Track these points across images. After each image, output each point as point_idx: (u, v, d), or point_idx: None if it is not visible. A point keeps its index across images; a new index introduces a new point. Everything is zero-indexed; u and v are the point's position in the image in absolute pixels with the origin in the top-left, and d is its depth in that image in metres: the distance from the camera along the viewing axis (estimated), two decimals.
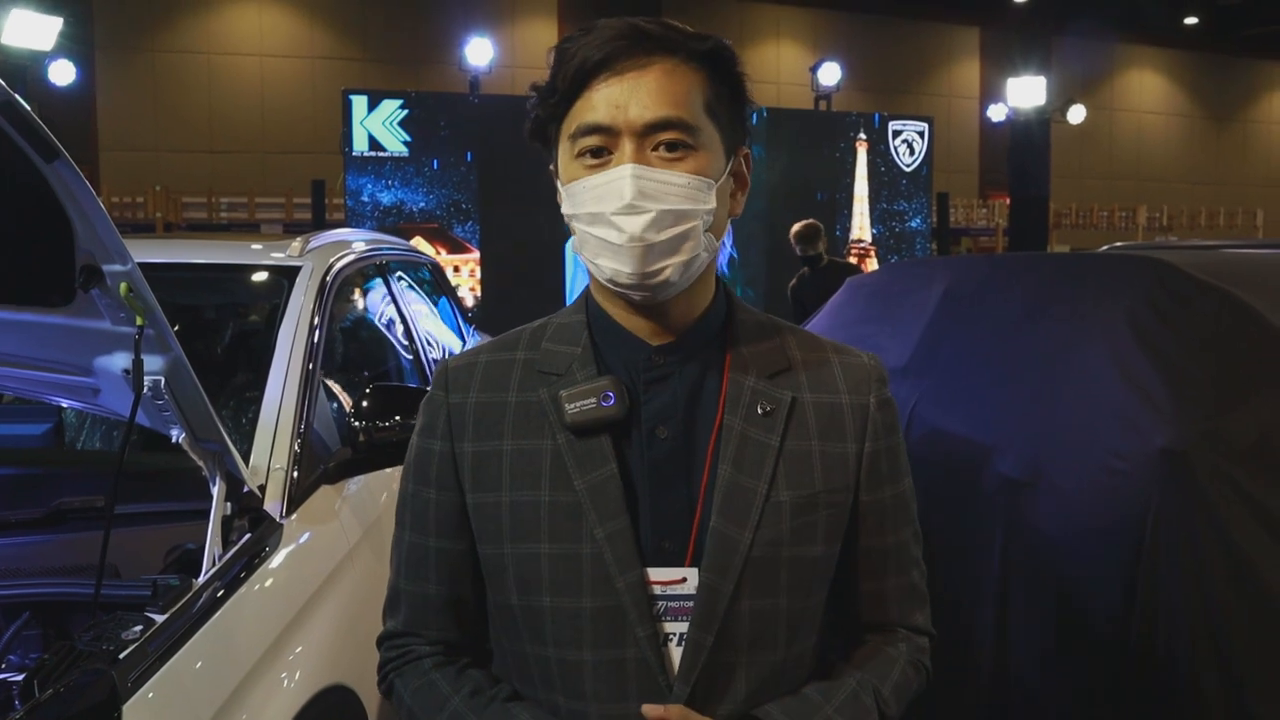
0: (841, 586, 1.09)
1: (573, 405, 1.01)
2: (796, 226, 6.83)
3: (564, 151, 1.02)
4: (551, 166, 1.06)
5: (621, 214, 0.96)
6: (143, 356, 1.52)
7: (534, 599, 1.02)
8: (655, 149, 0.98)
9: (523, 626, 1.03)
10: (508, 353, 1.09)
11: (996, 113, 16.53)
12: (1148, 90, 20.89)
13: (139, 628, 1.48)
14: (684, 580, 1.00)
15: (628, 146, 0.97)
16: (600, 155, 0.99)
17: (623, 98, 0.97)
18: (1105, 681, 2.07)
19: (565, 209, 1.03)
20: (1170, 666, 1.98)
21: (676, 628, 1.00)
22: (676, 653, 1.00)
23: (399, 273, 3.52)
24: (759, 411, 1.03)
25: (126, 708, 1.35)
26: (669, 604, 1.00)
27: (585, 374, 1.04)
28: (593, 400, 1.01)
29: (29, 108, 1.22)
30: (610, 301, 1.06)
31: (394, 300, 3.39)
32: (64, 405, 2.23)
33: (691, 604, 1.00)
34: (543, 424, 1.03)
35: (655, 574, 1.00)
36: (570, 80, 0.98)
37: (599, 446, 1.01)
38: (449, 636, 1.10)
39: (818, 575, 1.05)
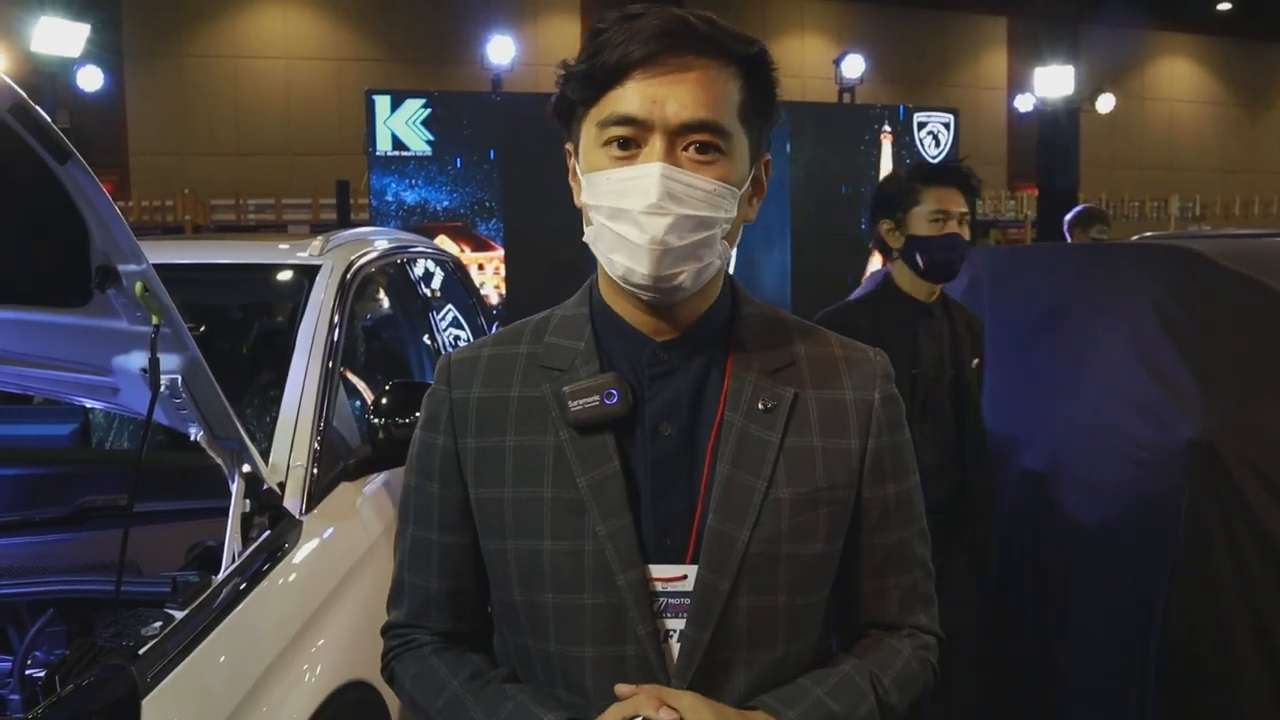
0: (843, 584, 1.08)
1: (576, 402, 1.01)
2: (1085, 207, 5.78)
3: (589, 136, 1.00)
4: (568, 145, 1.05)
5: (645, 214, 0.95)
6: (159, 355, 1.53)
7: (536, 595, 1.02)
8: (686, 149, 0.97)
9: (524, 621, 1.03)
10: (511, 346, 1.08)
11: (1024, 103, 16.35)
12: (1179, 78, 20.57)
13: (159, 624, 1.49)
14: (684, 577, 1.00)
15: (658, 144, 0.96)
16: (628, 147, 0.97)
17: (661, 93, 0.95)
18: (1141, 672, 2.04)
19: (585, 198, 1.01)
20: (1210, 656, 1.95)
21: (677, 625, 1.00)
22: (677, 649, 1.00)
23: (421, 270, 3.54)
24: (760, 408, 1.03)
25: (146, 702, 1.36)
26: (669, 601, 1.00)
27: (588, 370, 1.03)
28: (595, 397, 1.00)
29: (40, 110, 1.23)
30: (617, 296, 1.05)
31: (416, 298, 3.41)
32: (87, 405, 2.25)
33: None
34: (545, 420, 1.03)
35: (657, 571, 1.00)
36: (610, 70, 0.96)
37: (601, 444, 1.01)
38: (450, 628, 1.11)
39: (818, 573, 1.04)
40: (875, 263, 11.08)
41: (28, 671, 1.72)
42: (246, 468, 1.80)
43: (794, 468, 1.02)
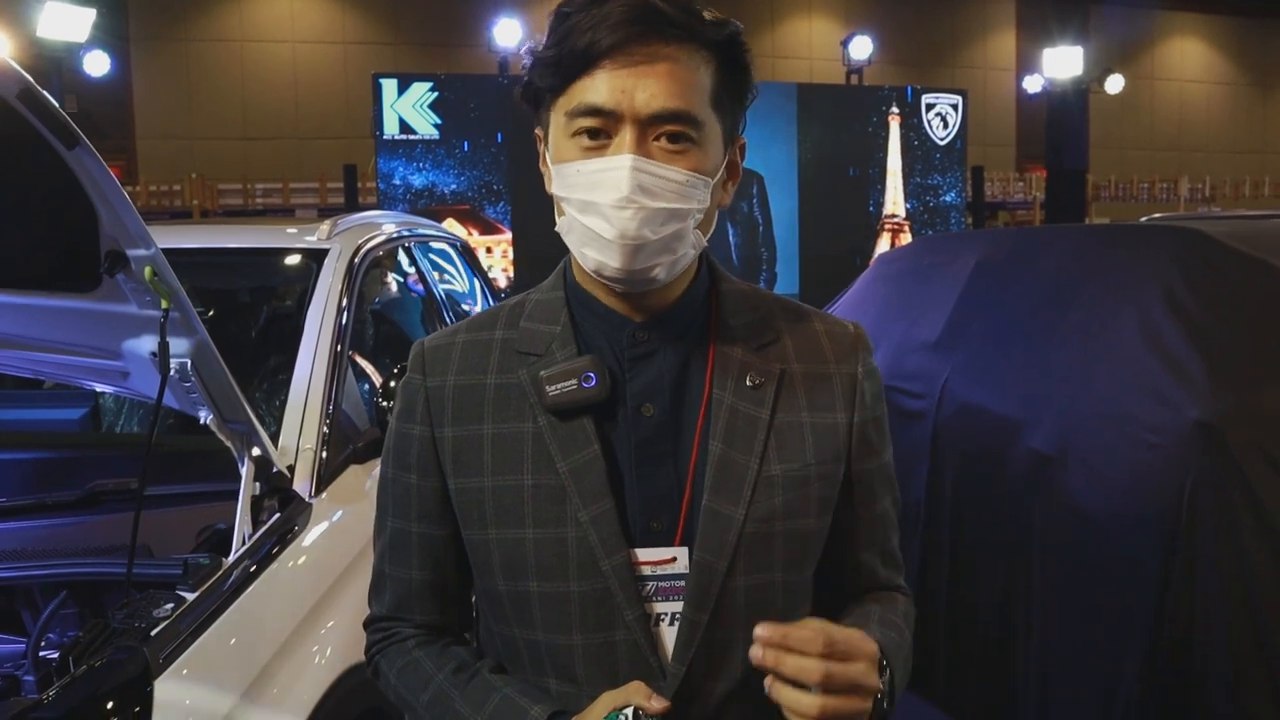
0: (831, 556, 1.08)
1: (553, 386, 0.99)
2: None
3: (557, 125, 0.98)
4: (538, 130, 1.03)
5: (615, 207, 0.93)
6: (168, 339, 1.54)
7: (520, 584, 1.00)
8: (657, 139, 0.94)
9: (510, 611, 1.02)
10: (486, 332, 1.06)
11: (1032, 84, 16.25)
12: (1190, 58, 20.42)
13: (170, 606, 1.51)
14: (674, 560, 0.99)
15: (628, 134, 0.93)
16: (598, 138, 0.95)
17: (630, 83, 0.93)
18: (1141, 657, 2.04)
19: (556, 189, 0.99)
20: (1209, 644, 1.95)
21: (668, 608, 0.98)
22: (668, 633, 0.99)
23: (428, 253, 3.54)
24: (748, 384, 1.02)
25: (158, 683, 1.38)
26: (659, 584, 0.98)
27: (565, 354, 1.01)
28: (574, 381, 0.99)
29: (48, 96, 1.23)
30: (592, 282, 1.03)
31: (423, 280, 3.41)
32: (97, 389, 2.27)
33: (683, 584, 0.98)
34: (523, 406, 1.01)
35: (644, 554, 0.98)
36: (578, 58, 0.93)
37: (580, 428, 0.99)
38: (433, 620, 1.09)
39: (811, 548, 1.04)
40: (883, 244, 11.06)
41: (42, 653, 1.74)
42: (256, 451, 1.82)
43: (784, 444, 1.01)
